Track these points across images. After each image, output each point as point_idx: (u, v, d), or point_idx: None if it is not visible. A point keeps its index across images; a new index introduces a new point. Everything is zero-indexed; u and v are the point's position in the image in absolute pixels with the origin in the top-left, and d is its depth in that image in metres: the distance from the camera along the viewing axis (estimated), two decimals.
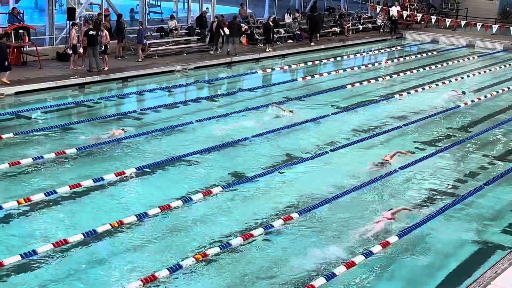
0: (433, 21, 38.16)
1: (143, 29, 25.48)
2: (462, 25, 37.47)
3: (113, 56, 25.18)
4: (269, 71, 26.99)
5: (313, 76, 26.45)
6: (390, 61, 31.29)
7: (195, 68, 26.05)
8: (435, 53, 33.77)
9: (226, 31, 29.36)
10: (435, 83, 25.78)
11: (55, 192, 12.87)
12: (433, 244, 12.03)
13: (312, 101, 21.76)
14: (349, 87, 24.33)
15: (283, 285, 10.34)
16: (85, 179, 13.58)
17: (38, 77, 21.66)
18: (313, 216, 12.78)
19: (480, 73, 28.61)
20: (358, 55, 32.57)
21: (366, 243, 11.75)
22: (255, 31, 31.23)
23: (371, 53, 33.82)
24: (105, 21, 25.62)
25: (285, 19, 33.69)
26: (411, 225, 12.36)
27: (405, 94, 23.76)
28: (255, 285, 10.36)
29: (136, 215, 12.06)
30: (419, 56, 32.69)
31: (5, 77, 20.63)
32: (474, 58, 32.96)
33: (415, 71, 28.21)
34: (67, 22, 24.49)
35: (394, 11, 37.27)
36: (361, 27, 38.01)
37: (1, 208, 12.03)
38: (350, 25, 36.74)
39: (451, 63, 30.92)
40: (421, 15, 38.66)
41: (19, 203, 12.29)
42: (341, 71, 27.74)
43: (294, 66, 28.30)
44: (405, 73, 27.72)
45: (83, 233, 11.19)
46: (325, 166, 15.84)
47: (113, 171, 14.16)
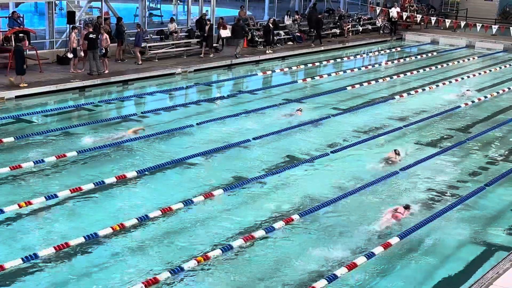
0: (433, 22, 38.16)
1: (141, 32, 25.45)
2: (462, 26, 37.51)
3: (113, 59, 25.20)
4: (269, 73, 27.01)
5: (313, 77, 26.47)
6: (390, 62, 31.29)
7: (195, 70, 26.06)
8: (435, 54, 33.76)
9: (224, 33, 29.45)
10: (435, 84, 25.78)
11: (56, 195, 12.87)
12: (435, 244, 12.03)
13: (312, 102, 21.75)
14: (349, 88, 24.33)
15: (285, 286, 10.33)
16: (86, 183, 13.57)
17: (38, 81, 21.67)
18: (314, 217, 12.78)
19: (480, 74, 28.60)
20: (358, 57, 32.57)
21: (367, 244, 11.75)
22: (255, 33, 31.23)
23: (371, 54, 33.80)
24: (105, 24, 25.64)
25: (285, 21, 33.71)
26: (412, 226, 12.36)
27: (405, 95, 23.76)
28: (257, 287, 10.36)
29: (137, 218, 12.06)
30: (419, 57, 32.69)
31: (21, 80, 20.90)
32: (474, 58, 32.97)
33: (415, 72, 28.22)
34: (67, 25, 24.51)
35: (393, 12, 37.28)
36: (361, 29, 38.01)
37: (2, 211, 12.03)
38: (350, 26, 36.75)
39: (451, 63, 30.92)
40: (420, 16, 38.68)
41: (20, 206, 12.28)
42: (341, 73, 27.75)
43: (294, 68, 28.30)
44: (405, 74, 27.72)
45: (84, 237, 11.19)
46: (326, 167, 15.84)
47: (114, 175, 14.16)
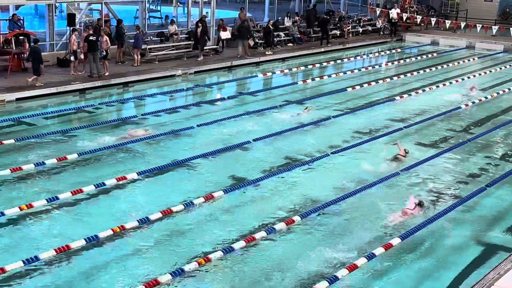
0: (433, 23, 38.13)
1: (140, 33, 25.40)
2: (462, 27, 37.51)
3: (114, 61, 25.20)
4: (269, 74, 27.00)
5: (314, 79, 26.47)
6: (390, 63, 31.28)
7: (196, 72, 26.06)
8: (435, 54, 33.74)
9: (224, 35, 29.45)
10: (436, 85, 25.77)
11: (57, 197, 12.86)
12: (436, 245, 12.02)
13: (313, 104, 21.73)
14: (350, 89, 24.32)
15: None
16: (87, 185, 13.57)
17: (39, 83, 21.66)
18: (314, 219, 12.78)
19: (480, 74, 28.58)
20: (358, 58, 32.57)
21: (368, 245, 11.75)
22: (255, 34, 31.22)
23: (371, 55, 33.79)
24: (105, 26, 25.64)
25: (285, 23, 33.72)
26: (413, 227, 12.35)
27: (405, 96, 23.75)
28: None
29: (138, 220, 12.06)
30: (419, 58, 32.67)
31: (38, 80, 21.36)
32: (474, 59, 32.94)
33: (416, 73, 28.20)
34: (67, 28, 24.52)
35: (393, 13, 37.27)
36: (361, 30, 38.01)
37: (3, 214, 12.02)
38: (350, 27, 36.75)
39: (451, 64, 30.90)
40: (420, 17, 38.66)
41: (21, 209, 12.27)
42: (342, 74, 27.75)
43: (294, 69, 28.29)
44: (406, 75, 27.70)
45: (85, 239, 11.19)
46: (326, 169, 15.84)
47: (114, 176, 14.15)
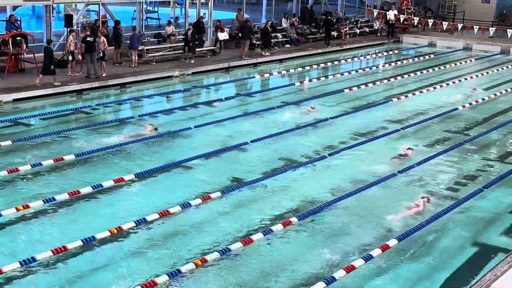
0: (430, 24, 38.19)
1: (136, 34, 25.36)
2: (459, 28, 37.60)
3: (111, 62, 25.18)
4: (267, 75, 27.01)
5: (311, 80, 26.49)
6: (387, 65, 31.32)
7: (193, 73, 26.05)
8: (433, 56, 33.78)
9: (222, 36, 29.45)
10: (433, 86, 25.81)
11: (54, 199, 12.85)
12: (433, 247, 12.04)
13: (310, 105, 21.73)
14: (347, 91, 24.34)
15: None
16: (84, 186, 13.56)
17: (36, 84, 21.64)
18: (312, 220, 12.78)
19: (477, 76, 28.63)
20: (355, 59, 32.60)
21: (365, 246, 11.76)
22: (252, 35, 31.21)
23: (368, 57, 33.84)
24: (102, 27, 25.62)
25: (282, 24, 33.74)
26: (411, 228, 12.36)
27: (403, 97, 23.78)
28: None
29: (135, 221, 12.05)
30: (417, 59, 32.71)
31: (55, 80, 21.80)
32: (471, 61, 32.99)
33: (413, 75, 28.24)
34: (65, 28, 24.50)
35: (391, 15, 37.32)
36: (358, 31, 38.04)
37: (0, 215, 12.01)
38: (347, 29, 36.79)
39: (448, 66, 30.94)
40: (418, 18, 38.72)
41: (18, 210, 12.26)
42: (339, 75, 27.77)
43: (292, 70, 28.31)
44: (403, 77, 27.74)
45: (82, 240, 11.18)
46: (324, 170, 15.84)
47: (112, 178, 14.14)
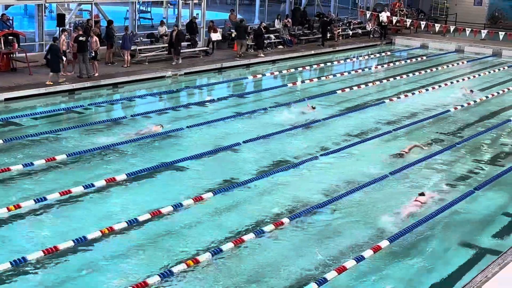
0: (423, 26, 38.30)
1: (128, 34, 25.27)
2: (451, 30, 37.67)
3: (103, 62, 25.12)
4: (259, 76, 27.00)
5: (304, 81, 26.51)
6: (380, 66, 31.38)
7: (186, 74, 26.02)
8: (425, 58, 33.86)
9: (215, 36, 29.43)
10: (425, 88, 25.89)
11: (45, 199, 12.81)
12: (424, 248, 12.06)
13: (302, 106, 21.76)
14: (339, 92, 24.38)
15: None
16: (75, 186, 13.53)
17: (28, 84, 21.58)
18: (304, 221, 12.79)
19: (469, 78, 28.72)
20: (348, 61, 32.64)
21: (356, 247, 11.79)
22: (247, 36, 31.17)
23: (361, 58, 33.90)
24: (95, 27, 25.56)
25: (275, 25, 33.76)
26: (402, 229, 12.40)
27: (395, 98, 23.84)
28: None
29: (126, 222, 12.03)
30: (409, 61, 32.78)
31: (58, 77, 21.91)
32: (463, 63, 33.09)
33: (405, 76, 28.30)
34: (57, 28, 24.42)
35: (383, 16, 37.38)
36: (351, 33, 38.08)
37: None
38: (340, 30, 36.85)
39: (440, 68, 31.02)
40: (410, 20, 38.81)
41: (9, 210, 12.22)
42: (331, 77, 27.81)
43: (284, 71, 28.33)
44: (395, 78, 27.80)
45: (73, 240, 11.15)
46: (315, 171, 15.86)
47: (103, 178, 14.11)
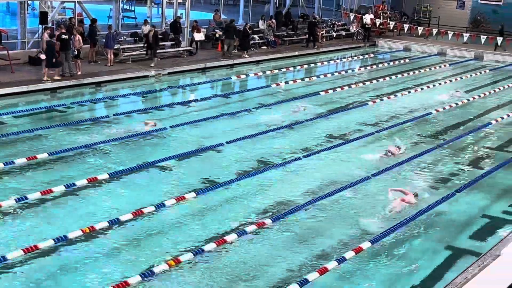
0: (406, 29, 38.55)
1: (111, 33, 25.13)
2: (434, 34, 37.96)
3: (86, 60, 24.98)
4: (243, 77, 27.02)
5: (287, 82, 26.56)
6: (363, 68, 31.53)
7: (169, 73, 25.95)
8: (407, 60, 34.08)
9: (198, 36, 29.39)
10: (407, 90, 26.06)
11: (26, 197, 12.71)
12: (404, 250, 12.14)
13: (286, 107, 21.81)
14: (323, 93, 24.46)
15: None
16: (57, 185, 13.44)
17: (9, 82, 21.40)
18: (286, 222, 12.82)
19: (451, 81, 28.96)
20: (331, 62, 32.76)
21: (338, 248, 11.84)
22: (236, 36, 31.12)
23: (344, 60, 34.04)
24: (78, 25, 25.41)
25: (260, 26, 33.79)
26: (383, 231, 12.47)
27: (378, 100, 23.97)
28: None
29: (108, 221, 11.98)
30: (392, 63, 32.99)
31: (56, 73, 22.14)
32: (445, 66, 33.36)
33: (388, 78, 28.47)
34: (40, 26, 24.25)
35: (367, 19, 37.58)
36: (334, 35, 38.24)
37: None
38: (323, 32, 36.97)
39: (423, 71, 31.23)
40: (393, 23, 39.05)
41: None
42: (315, 78, 27.89)
43: (268, 72, 28.36)
44: (378, 80, 27.96)
45: (54, 239, 11.08)
46: (298, 172, 15.90)
47: (85, 177, 14.03)
